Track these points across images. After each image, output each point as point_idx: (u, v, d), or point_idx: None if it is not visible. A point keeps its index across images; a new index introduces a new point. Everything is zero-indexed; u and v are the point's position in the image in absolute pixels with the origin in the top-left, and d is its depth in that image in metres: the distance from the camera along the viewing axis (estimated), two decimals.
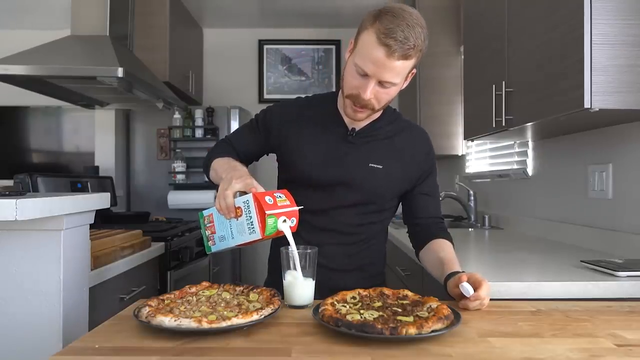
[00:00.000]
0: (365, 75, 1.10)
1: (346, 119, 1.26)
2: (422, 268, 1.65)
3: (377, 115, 1.26)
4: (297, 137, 1.27)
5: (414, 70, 1.15)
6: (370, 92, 1.11)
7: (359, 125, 1.26)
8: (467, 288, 0.99)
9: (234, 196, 1.04)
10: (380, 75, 1.09)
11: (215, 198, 1.08)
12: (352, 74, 1.13)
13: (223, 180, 1.08)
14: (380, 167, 1.24)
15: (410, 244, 1.39)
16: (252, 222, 1.03)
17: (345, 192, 1.24)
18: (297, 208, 1.07)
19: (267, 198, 1.03)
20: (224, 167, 1.19)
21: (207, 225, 1.15)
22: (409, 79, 1.17)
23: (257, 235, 1.03)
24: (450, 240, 1.29)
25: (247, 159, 1.36)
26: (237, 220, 1.06)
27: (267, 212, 1.00)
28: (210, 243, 1.15)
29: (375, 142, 1.26)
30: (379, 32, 1.05)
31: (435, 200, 1.34)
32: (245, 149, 1.34)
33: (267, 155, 1.39)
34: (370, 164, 1.23)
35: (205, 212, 1.17)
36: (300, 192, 1.17)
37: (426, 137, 1.33)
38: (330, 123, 1.27)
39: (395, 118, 1.32)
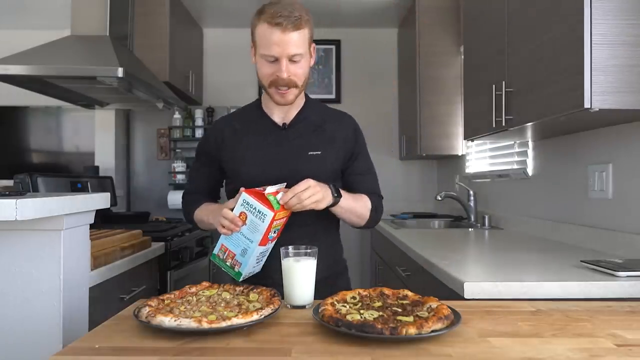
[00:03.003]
0: (274, 60, 1.22)
1: (275, 117, 1.34)
2: (423, 268, 1.65)
3: (301, 102, 1.36)
4: (235, 148, 1.34)
5: (314, 45, 1.29)
6: (285, 70, 1.22)
7: (288, 119, 1.35)
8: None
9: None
10: (286, 52, 1.20)
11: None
12: (264, 64, 1.25)
13: (214, 218, 1.22)
14: (319, 152, 1.32)
15: (410, 244, 1.39)
16: (258, 210, 1.10)
17: (294, 185, 1.25)
18: (283, 184, 1.18)
19: (255, 189, 1.14)
20: (207, 213, 1.32)
21: (224, 257, 1.18)
22: (313, 54, 1.30)
23: (269, 214, 1.10)
24: (374, 201, 1.36)
25: (215, 191, 1.47)
26: (246, 224, 1.13)
27: (265, 192, 1.12)
28: (237, 268, 1.17)
29: (307, 132, 1.35)
30: (267, 19, 1.20)
31: (370, 177, 1.42)
32: (207, 184, 1.43)
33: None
34: (309, 152, 1.32)
35: (215, 250, 1.20)
36: None
37: (353, 121, 1.43)
38: (262, 125, 1.35)
39: (321, 108, 1.42)
